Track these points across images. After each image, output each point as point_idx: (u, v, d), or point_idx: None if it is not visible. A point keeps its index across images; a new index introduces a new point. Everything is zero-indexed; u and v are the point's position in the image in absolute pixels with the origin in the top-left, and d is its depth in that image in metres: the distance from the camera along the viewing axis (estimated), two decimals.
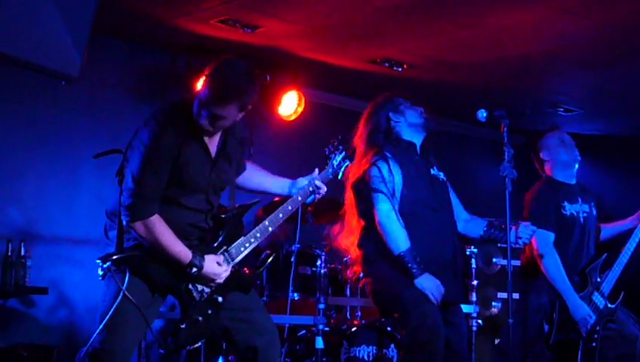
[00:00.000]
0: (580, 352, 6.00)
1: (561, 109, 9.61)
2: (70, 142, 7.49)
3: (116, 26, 7.37)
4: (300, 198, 4.85)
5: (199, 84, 7.90)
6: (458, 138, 10.08)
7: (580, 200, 6.28)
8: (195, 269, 4.29)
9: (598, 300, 6.08)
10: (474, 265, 7.27)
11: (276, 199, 7.23)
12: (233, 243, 4.53)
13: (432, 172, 5.54)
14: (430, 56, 7.98)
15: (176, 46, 7.96)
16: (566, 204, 6.20)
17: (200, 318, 4.39)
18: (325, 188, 4.94)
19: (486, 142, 10.09)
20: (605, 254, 6.21)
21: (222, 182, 4.54)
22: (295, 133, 8.87)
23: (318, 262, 6.62)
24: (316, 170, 5.02)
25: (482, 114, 5.33)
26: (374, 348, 6.43)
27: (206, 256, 4.36)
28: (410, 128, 5.54)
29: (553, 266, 6.02)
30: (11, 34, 3.82)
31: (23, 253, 6.79)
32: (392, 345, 6.40)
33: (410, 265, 5.19)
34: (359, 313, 7.08)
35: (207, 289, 4.42)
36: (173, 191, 4.32)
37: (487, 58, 7.96)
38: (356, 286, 7.14)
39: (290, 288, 6.79)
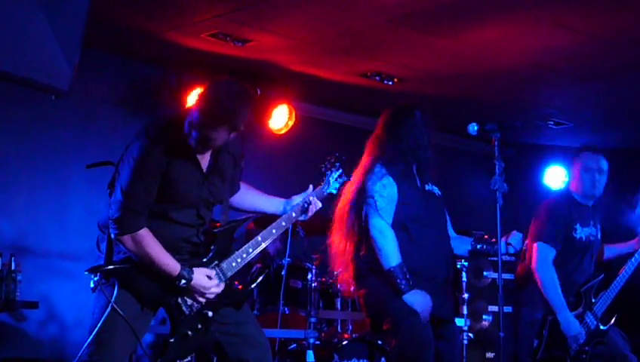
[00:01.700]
0: None
1: (551, 122, 9.63)
2: (60, 155, 7.48)
3: (107, 39, 7.37)
4: (294, 215, 4.83)
5: (190, 99, 7.93)
6: (449, 151, 10.09)
7: (591, 223, 6.26)
8: (183, 281, 4.27)
9: (590, 320, 6.07)
10: (464, 279, 7.28)
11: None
12: (225, 258, 4.50)
13: (427, 188, 5.53)
14: (421, 70, 7.99)
15: (167, 59, 7.97)
16: (578, 226, 6.18)
17: (190, 333, 4.37)
18: (320, 205, 4.92)
19: (477, 155, 10.11)
20: (602, 275, 6.20)
21: (213, 197, 4.52)
22: (286, 147, 8.87)
23: (309, 276, 6.62)
24: (310, 186, 5.01)
25: (473, 127, 5.33)
26: (365, 361, 6.43)
27: (195, 269, 4.33)
28: (418, 149, 5.51)
29: (549, 281, 6.01)
30: (2, 48, 3.81)
31: (13, 267, 6.77)
32: (383, 359, 6.40)
33: (398, 280, 5.19)
34: (350, 326, 7.08)
35: (196, 304, 4.39)
36: (163, 205, 4.30)
37: (478, 71, 7.98)
38: (347, 299, 7.14)
39: (281, 302, 6.79)
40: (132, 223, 4.19)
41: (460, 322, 7.11)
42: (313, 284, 6.55)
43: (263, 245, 4.65)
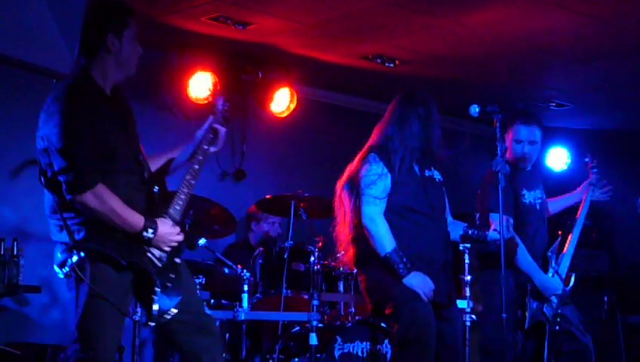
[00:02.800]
0: (547, 336, 6.01)
1: (553, 104, 9.62)
2: None
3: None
4: (205, 147, 4.73)
5: (192, 83, 7.93)
6: (451, 133, 10.08)
7: (534, 185, 6.29)
8: (151, 231, 4.24)
9: (558, 283, 6.10)
10: (467, 261, 7.28)
11: (267, 197, 7.25)
12: (168, 205, 4.46)
13: (427, 173, 5.56)
14: (422, 52, 7.98)
15: (167, 43, 7.96)
16: (525, 191, 6.20)
17: (168, 284, 4.35)
18: (224, 129, 4.81)
19: (479, 137, 10.11)
20: (559, 237, 6.23)
21: (136, 139, 4.52)
22: (287, 130, 8.88)
23: (312, 259, 6.62)
24: (210, 116, 4.86)
25: (475, 109, 5.33)
26: (368, 343, 6.44)
27: (157, 219, 4.31)
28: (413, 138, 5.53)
29: (520, 251, 6.02)
30: (3, 32, 3.82)
31: (15, 252, 6.77)
32: (386, 341, 6.41)
33: (396, 265, 5.24)
34: (353, 309, 7.08)
35: (164, 255, 4.37)
36: (104, 160, 4.24)
37: (480, 53, 7.97)
38: (349, 282, 7.14)
39: (284, 285, 6.79)
40: (88, 179, 4.12)
41: (462, 304, 7.11)
42: (316, 267, 6.55)
43: (193, 182, 4.58)
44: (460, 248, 7.20)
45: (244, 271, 6.68)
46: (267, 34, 7.56)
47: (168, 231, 4.35)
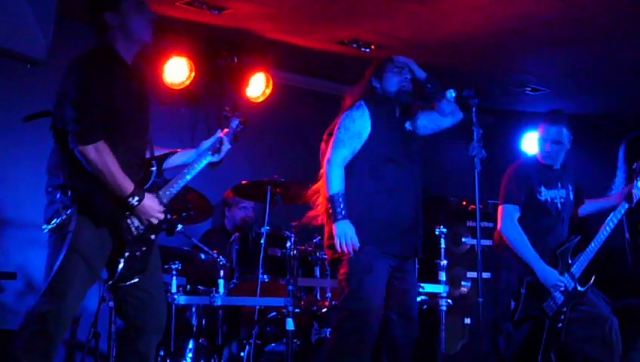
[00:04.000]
0: (545, 332, 6.04)
1: (528, 89, 9.64)
2: (36, 126, 7.42)
3: (82, 8, 7.30)
4: (210, 153, 5.08)
5: (167, 68, 7.89)
6: None
7: (559, 184, 6.31)
8: (137, 198, 4.46)
9: (568, 282, 6.11)
10: (443, 245, 7.30)
11: (243, 182, 7.24)
12: (161, 186, 4.73)
13: (407, 126, 5.62)
14: (398, 37, 7.98)
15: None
16: (542, 188, 6.22)
17: (137, 253, 4.57)
18: (230, 146, 5.17)
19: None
20: (578, 237, 6.25)
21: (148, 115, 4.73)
22: (263, 115, 8.84)
23: (288, 244, 6.61)
24: (219, 130, 5.20)
25: (451, 94, 5.35)
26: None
27: (148, 193, 4.57)
28: (386, 95, 5.61)
29: (517, 238, 6.06)
30: None
31: None
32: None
33: (336, 207, 5.31)
34: (329, 294, 7.08)
35: (142, 226, 4.57)
36: (113, 121, 4.46)
37: (455, 38, 7.97)
38: (326, 267, 7.14)
39: (260, 270, 6.79)
40: (93, 133, 4.35)
41: (438, 288, 7.13)
42: (292, 252, 6.55)
43: (189, 178, 4.90)
44: (436, 233, 7.25)
45: (221, 256, 6.67)
46: (242, 18, 7.53)
47: (152, 205, 4.57)
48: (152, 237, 4.66)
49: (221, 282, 6.53)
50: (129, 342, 4.74)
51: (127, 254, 4.52)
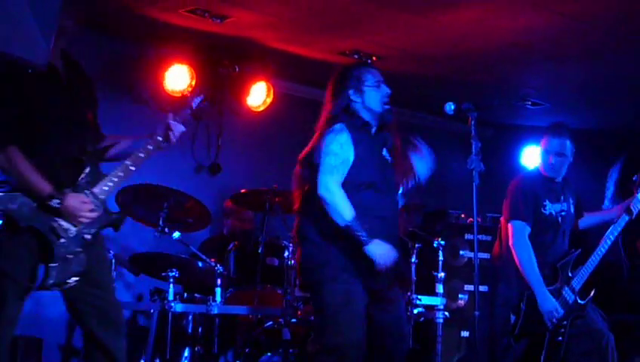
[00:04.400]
0: (545, 346, 6.05)
1: (529, 103, 9.64)
2: None
3: (84, 14, 7.31)
4: (159, 138, 4.87)
5: (168, 75, 7.90)
6: (426, 131, 10.09)
7: (562, 198, 6.32)
8: (56, 202, 4.38)
9: (568, 295, 6.12)
10: (441, 258, 7.31)
11: (242, 191, 7.24)
12: (96, 183, 4.60)
13: (384, 153, 5.38)
14: (399, 49, 7.98)
15: (144, 36, 7.92)
16: (547, 202, 6.24)
17: (70, 256, 4.47)
18: (183, 128, 4.96)
19: (454, 135, 10.12)
20: (579, 250, 6.26)
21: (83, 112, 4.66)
22: (264, 125, 8.86)
23: (286, 254, 6.62)
24: (170, 113, 4.99)
25: (450, 107, 5.32)
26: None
27: (68, 192, 4.45)
28: (366, 112, 5.33)
29: (526, 257, 6.06)
30: None
31: None
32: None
33: (357, 233, 5.01)
34: None
35: (73, 228, 4.48)
36: (29, 126, 4.43)
37: (456, 51, 7.98)
38: None
39: (258, 279, 6.79)
40: (1, 140, 4.34)
41: (435, 301, 7.13)
42: (290, 262, 6.55)
43: (133, 169, 4.71)
44: (434, 245, 7.25)
45: (218, 265, 6.67)
46: (244, 27, 7.54)
47: (76, 205, 4.45)
48: (88, 237, 4.55)
49: (218, 290, 6.53)
50: (92, 347, 4.68)
51: (57, 257, 4.42)
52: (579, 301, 6.17)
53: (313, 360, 5.10)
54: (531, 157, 10.12)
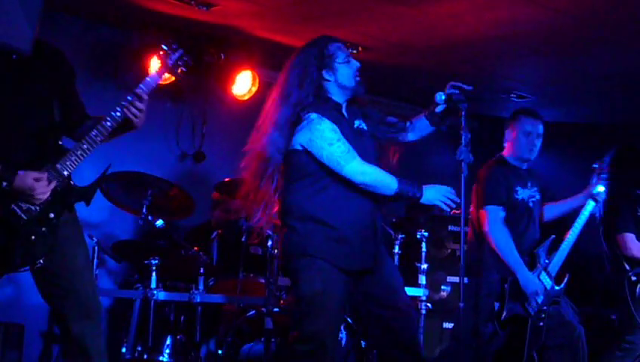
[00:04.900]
0: (528, 331, 6.05)
1: (514, 96, 9.66)
2: None
3: (69, 2, 7.30)
4: (125, 103, 4.62)
5: (153, 62, 7.87)
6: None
7: (529, 184, 6.33)
8: (4, 183, 4.26)
9: (546, 281, 6.13)
10: (424, 249, 7.31)
11: (226, 179, 7.23)
12: (59, 158, 4.44)
13: (356, 125, 5.16)
14: (386, 40, 7.98)
15: (129, 23, 7.89)
16: (519, 188, 6.25)
17: (33, 237, 4.35)
18: (141, 106, 4.69)
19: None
20: (553, 236, 6.27)
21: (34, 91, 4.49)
22: (249, 113, 8.77)
23: (269, 243, 6.61)
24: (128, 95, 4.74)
25: (440, 96, 5.26)
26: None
27: (20, 172, 4.30)
28: (339, 89, 5.13)
29: (504, 241, 6.05)
30: None
31: None
32: (342, 326, 6.41)
33: (410, 193, 4.91)
34: None
35: (34, 208, 4.36)
36: None
37: (442, 42, 7.98)
38: None
39: (240, 268, 6.78)
40: None
41: (418, 292, 7.14)
42: (273, 251, 6.55)
43: (99, 140, 4.52)
44: (418, 236, 7.25)
45: (201, 253, 6.65)
46: (230, 16, 7.52)
47: (27, 185, 4.30)
48: (52, 215, 4.41)
49: (201, 279, 6.53)
50: (64, 332, 4.59)
51: (21, 238, 4.32)
52: (556, 287, 6.18)
53: (290, 348, 5.01)
54: None
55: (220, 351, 6.67)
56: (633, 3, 6.71)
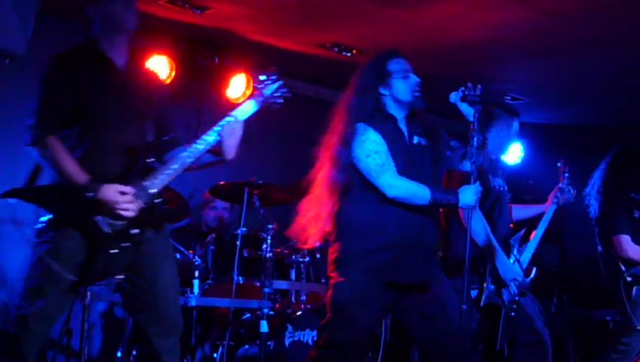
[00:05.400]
0: (501, 322, 6.04)
1: (508, 98, 9.67)
2: (14, 121, 7.38)
3: (62, 4, 7.28)
4: (219, 127, 4.74)
5: (147, 65, 7.87)
6: None
7: (499, 174, 6.35)
8: (90, 193, 4.26)
9: (518, 269, 6.13)
10: None
11: (221, 183, 7.22)
12: (147, 175, 4.47)
13: (415, 140, 5.15)
14: (379, 42, 7.97)
15: None
16: (491, 176, 6.25)
17: (115, 251, 4.35)
18: (236, 135, 4.83)
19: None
20: (524, 229, 6.27)
21: (135, 105, 4.56)
22: None
23: (264, 246, 6.61)
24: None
25: (455, 97, 5.25)
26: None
27: (106, 184, 4.31)
28: (395, 103, 5.14)
29: (481, 228, 6.04)
30: None
31: None
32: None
33: (445, 201, 4.97)
34: (304, 297, 7.09)
35: (119, 223, 4.36)
36: (85, 119, 4.40)
37: (436, 45, 7.99)
38: (301, 270, 7.14)
39: (235, 271, 6.78)
40: (39, 131, 4.32)
41: None
42: (268, 255, 6.55)
43: (189, 161, 4.58)
44: None
45: (196, 257, 6.65)
46: (224, 19, 7.52)
47: (111, 198, 4.30)
48: (135, 231, 4.40)
49: (196, 282, 6.51)
50: (145, 345, 4.59)
51: (101, 252, 4.31)
52: (525, 279, 6.17)
53: (315, 350, 5.04)
54: (510, 152, 10.14)
55: (215, 355, 6.66)
56: (625, 5, 6.72)
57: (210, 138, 4.63)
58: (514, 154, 10.09)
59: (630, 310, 6.77)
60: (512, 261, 6.09)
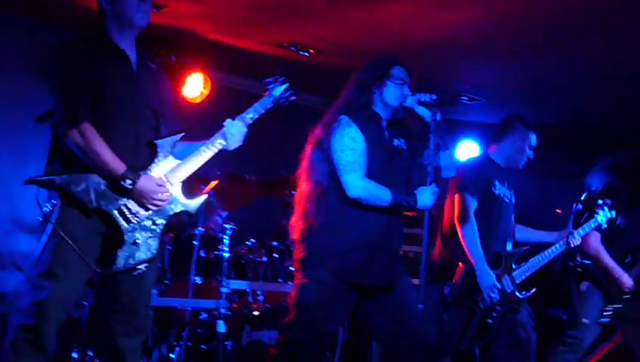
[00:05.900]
0: (474, 324, 6.08)
1: (465, 98, 9.71)
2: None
3: (19, 3, 7.23)
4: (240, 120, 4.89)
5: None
6: None
7: (506, 185, 6.39)
8: (129, 182, 4.25)
9: (507, 284, 6.16)
10: None
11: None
12: (168, 168, 4.49)
13: (396, 143, 5.19)
14: (336, 42, 7.99)
15: (80, 24, 7.82)
16: (497, 183, 6.30)
17: (138, 241, 4.35)
18: (242, 129, 4.94)
19: None
20: (527, 247, 6.33)
21: (149, 98, 4.56)
22: (200, 116, 8.78)
23: (221, 246, 6.60)
24: (228, 120, 4.98)
25: (410, 99, 5.27)
26: (276, 332, 6.44)
27: (143, 174, 4.33)
28: (381, 104, 5.17)
29: (470, 232, 6.08)
30: None
31: None
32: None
33: (404, 203, 4.97)
34: (261, 297, 7.09)
35: (142, 212, 4.36)
36: (100, 112, 4.33)
37: (393, 45, 7.99)
38: (258, 270, 7.14)
39: (193, 271, 6.76)
40: (75, 116, 4.23)
41: None
42: (225, 254, 6.54)
43: (206, 155, 4.73)
44: None
45: None
46: (181, 17, 7.49)
47: (150, 188, 4.33)
48: (156, 225, 4.41)
49: None
50: (109, 344, 4.55)
51: (126, 242, 4.31)
52: (517, 293, 6.20)
53: (277, 348, 5.04)
54: (466, 151, 10.19)
55: (172, 355, 6.63)
56: (582, 7, 6.77)
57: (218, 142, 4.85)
58: (470, 153, 10.14)
59: (578, 303, 6.87)
60: (499, 272, 6.13)
